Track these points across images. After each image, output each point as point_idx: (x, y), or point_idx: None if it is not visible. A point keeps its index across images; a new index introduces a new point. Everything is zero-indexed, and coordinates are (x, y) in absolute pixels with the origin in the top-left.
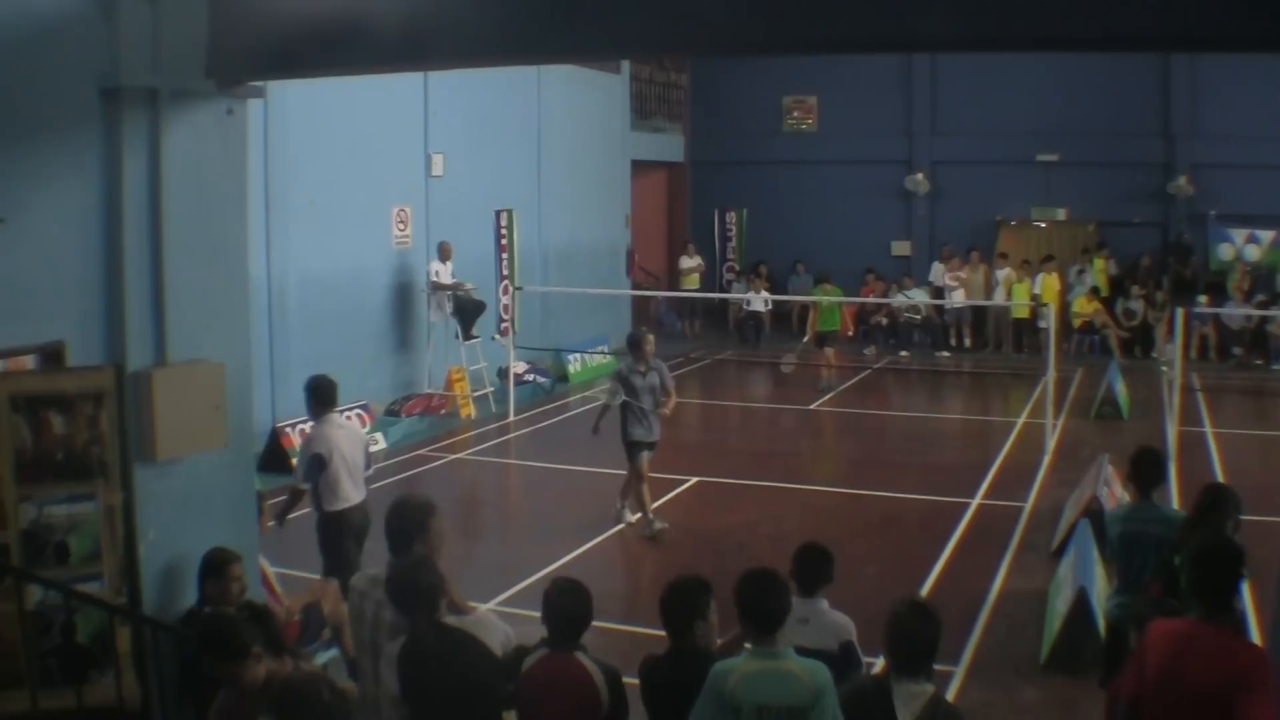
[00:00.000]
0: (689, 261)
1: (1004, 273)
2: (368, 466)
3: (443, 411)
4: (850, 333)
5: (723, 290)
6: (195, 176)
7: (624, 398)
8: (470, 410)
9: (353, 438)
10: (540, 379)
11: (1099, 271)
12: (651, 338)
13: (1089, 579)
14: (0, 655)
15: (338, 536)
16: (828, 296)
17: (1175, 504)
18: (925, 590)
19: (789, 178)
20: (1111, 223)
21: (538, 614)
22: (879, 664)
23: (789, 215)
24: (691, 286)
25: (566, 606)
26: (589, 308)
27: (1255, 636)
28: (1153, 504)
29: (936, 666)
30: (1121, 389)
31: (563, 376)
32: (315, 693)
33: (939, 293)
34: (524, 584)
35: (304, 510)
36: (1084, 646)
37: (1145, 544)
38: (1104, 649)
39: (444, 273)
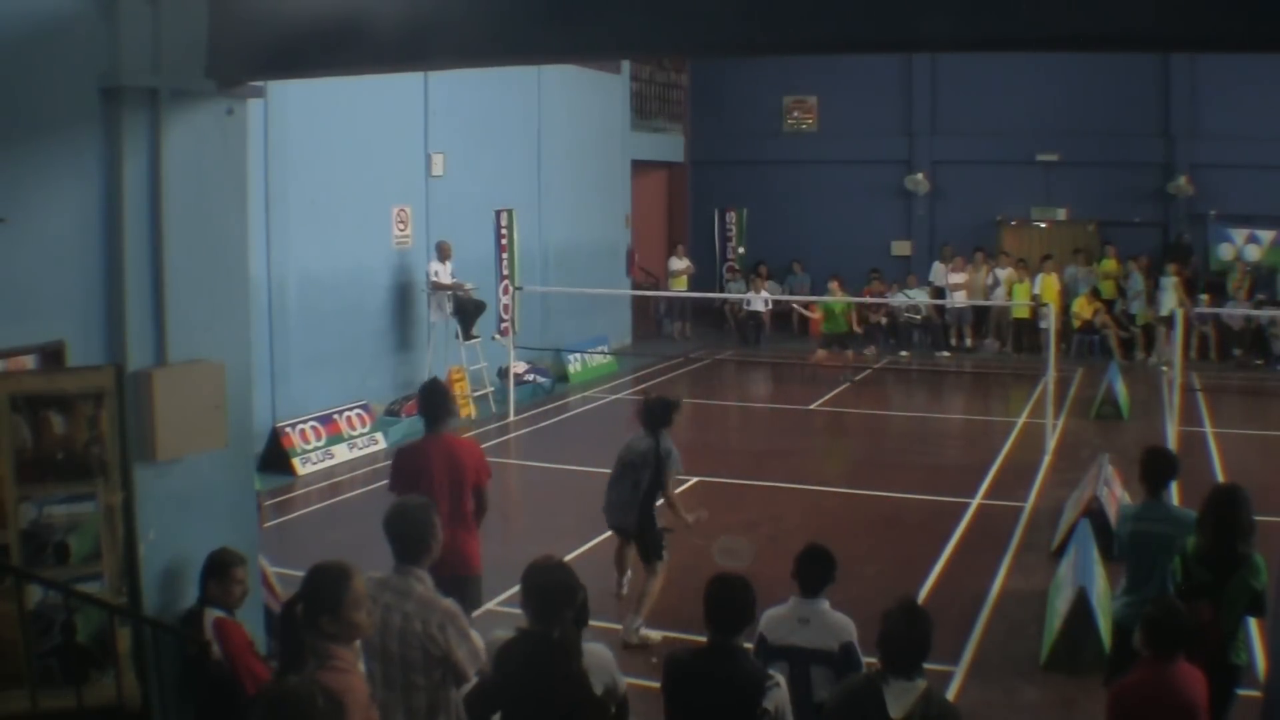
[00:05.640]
0: (678, 264)
1: (1005, 272)
2: None
3: None
4: (859, 330)
5: (721, 290)
6: (195, 176)
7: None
8: (470, 410)
9: None
10: (540, 379)
11: (1102, 278)
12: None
13: (1089, 579)
14: (0, 655)
15: None
16: (835, 297)
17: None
18: (925, 590)
19: (789, 178)
20: (1111, 223)
21: None
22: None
23: (789, 215)
24: (680, 288)
25: (546, 585)
26: (589, 308)
27: (1255, 636)
28: (1163, 504)
29: (936, 667)
30: (1121, 389)
31: (563, 376)
32: (309, 698)
33: (940, 293)
34: None
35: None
36: (1084, 646)
37: (1154, 544)
38: (1110, 649)
39: (443, 273)
